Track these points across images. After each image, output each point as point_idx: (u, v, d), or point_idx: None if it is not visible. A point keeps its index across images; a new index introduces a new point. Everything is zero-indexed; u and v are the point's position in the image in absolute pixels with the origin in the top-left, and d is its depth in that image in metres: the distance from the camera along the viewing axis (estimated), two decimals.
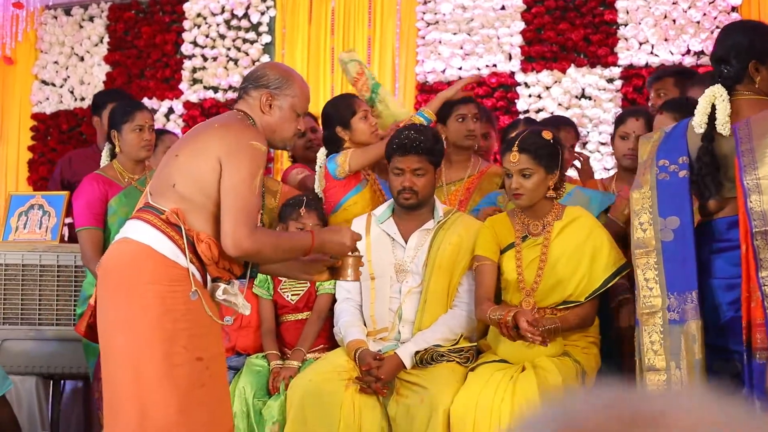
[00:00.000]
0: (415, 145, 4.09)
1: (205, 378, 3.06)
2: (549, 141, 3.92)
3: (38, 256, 5.16)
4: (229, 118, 3.27)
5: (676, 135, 3.52)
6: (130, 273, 3.02)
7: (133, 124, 4.81)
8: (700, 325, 3.35)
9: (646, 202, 3.47)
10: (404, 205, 4.17)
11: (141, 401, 2.97)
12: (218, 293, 3.15)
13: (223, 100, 7.92)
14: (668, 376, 3.37)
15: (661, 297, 3.40)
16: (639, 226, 3.47)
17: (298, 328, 4.40)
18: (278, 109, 3.29)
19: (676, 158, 3.47)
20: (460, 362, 3.98)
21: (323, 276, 3.51)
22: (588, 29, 7.06)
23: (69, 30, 8.39)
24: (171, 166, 3.16)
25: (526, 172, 3.88)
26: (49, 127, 8.39)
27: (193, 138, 3.20)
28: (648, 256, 3.44)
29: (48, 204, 5.34)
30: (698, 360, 3.33)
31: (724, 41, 3.52)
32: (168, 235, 3.03)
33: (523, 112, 7.09)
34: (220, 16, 7.99)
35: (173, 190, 3.10)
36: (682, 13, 6.84)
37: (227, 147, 3.08)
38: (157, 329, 2.98)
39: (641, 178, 3.52)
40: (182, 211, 3.06)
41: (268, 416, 4.07)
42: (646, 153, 3.57)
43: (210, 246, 3.05)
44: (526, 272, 3.97)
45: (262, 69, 3.37)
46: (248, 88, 3.31)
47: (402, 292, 4.14)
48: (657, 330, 3.40)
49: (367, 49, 7.63)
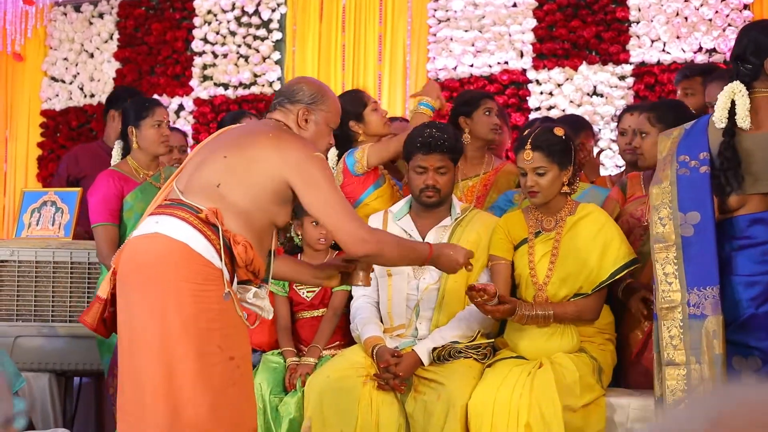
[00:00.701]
0: (439, 143, 4.10)
1: (236, 377, 3.06)
2: (561, 137, 3.94)
3: (51, 252, 5.15)
4: (279, 129, 3.27)
5: (697, 131, 3.53)
6: (165, 269, 3.00)
7: (153, 120, 4.80)
8: (721, 320, 3.35)
9: (665, 197, 3.47)
10: (427, 203, 4.16)
11: (173, 399, 2.95)
12: (249, 296, 3.14)
13: (233, 97, 7.92)
14: (688, 370, 3.37)
15: (681, 292, 3.40)
16: (659, 221, 3.47)
17: (313, 325, 4.40)
18: (314, 123, 3.33)
19: (697, 154, 3.47)
20: (477, 358, 3.98)
21: (334, 281, 3.53)
22: (600, 27, 7.05)
23: (78, 26, 8.40)
24: (215, 165, 3.15)
25: (540, 170, 3.90)
26: (59, 123, 8.40)
27: (244, 142, 3.20)
28: (668, 250, 3.43)
29: (61, 200, 5.33)
30: (719, 355, 3.33)
31: (742, 39, 3.56)
32: (204, 234, 3.02)
33: (535, 109, 7.10)
34: (231, 13, 8.00)
35: (216, 190, 3.10)
36: (694, 11, 6.83)
37: (295, 167, 3.12)
38: (192, 327, 2.97)
39: (661, 174, 3.52)
40: (220, 212, 3.05)
41: (285, 413, 4.07)
42: (665, 149, 3.57)
43: (246, 248, 3.05)
44: (538, 267, 3.99)
45: (297, 84, 3.39)
46: (284, 102, 3.34)
47: (419, 289, 4.13)
48: (676, 325, 3.40)
49: (378, 46, 7.63)
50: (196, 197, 3.10)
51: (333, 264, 3.51)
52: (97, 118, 8.20)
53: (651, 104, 4.45)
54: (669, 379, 3.39)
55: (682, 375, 3.38)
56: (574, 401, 3.72)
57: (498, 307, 3.76)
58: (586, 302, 3.93)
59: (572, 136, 4.06)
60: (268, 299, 3.25)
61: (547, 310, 3.86)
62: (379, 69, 7.64)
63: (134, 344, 3.04)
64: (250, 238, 3.08)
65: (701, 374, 3.35)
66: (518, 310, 3.81)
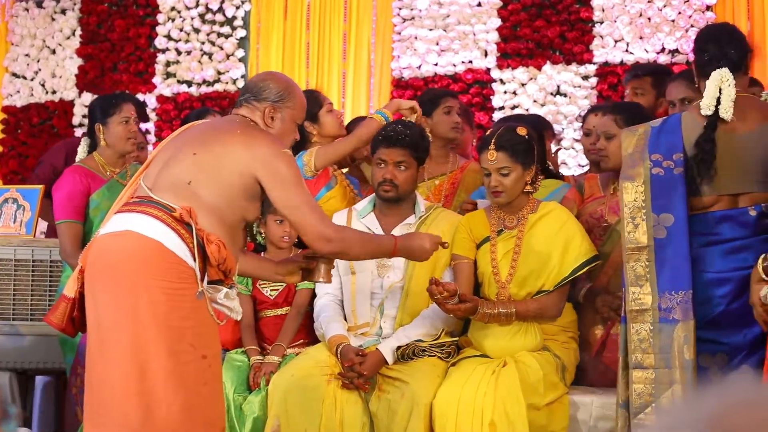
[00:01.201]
0: (400, 137, 4.10)
1: (208, 376, 3.05)
2: (524, 137, 3.96)
3: (13, 250, 5.10)
4: (246, 125, 3.26)
5: (669, 130, 3.52)
6: (137, 267, 2.97)
7: (121, 116, 4.76)
8: (692, 325, 3.34)
9: (639, 195, 3.44)
10: (384, 197, 4.16)
11: (146, 398, 2.92)
12: (220, 296, 3.12)
13: (196, 95, 7.88)
14: (656, 374, 3.35)
15: (652, 295, 3.38)
16: (631, 220, 3.45)
17: (277, 324, 4.38)
18: (280, 121, 3.33)
19: (671, 154, 3.45)
20: (441, 357, 3.99)
21: (295, 277, 3.51)
22: (564, 27, 7.09)
23: (41, 22, 8.32)
24: (184, 162, 3.13)
25: (504, 170, 3.91)
26: (20, 120, 8.31)
27: (212, 139, 3.18)
28: (640, 252, 3.42)
29: (22, 198, 5.28)
30: (689, 360, 3.33)
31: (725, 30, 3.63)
32: (178, 233, 3.00)
33: (499, 108, 7.13)
34: (195, 10, 7.96)
35: (187, 188, 3.08)
36: (657, 12, 6.88)
37: (263, 163, 3.12)
38: (164, 326, 2.94)
39: (631, 171, 3.50)
40: (194, 210, 3.03)
41: (249, 411, 4.05)
42: (631, 146, 3.54)
43: (219, 247, 3.03)
44: (501, 265, 4.01)
45: (263, 81, 3.38)
46: (250, 99, 3.33)
47: (383, 288, 4.13)
48: (646, 328, 3.38)
49: (343, 44, 7.63)
50: (167, 195, 3.07)
51: (294, 260, 3.50)
52: (59, 114, 8.14)
53: (616, 105, 4.44)
54: (636, 383, 3.38)
55: (650, 379, 3.36)
56: (538, 399, 3.74)
57: (459, 306, 3.77)
58: (547, 299, 3.95)
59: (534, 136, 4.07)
60: (237, 300, 3.24)
61: (509, 308, 3.87)
62: (343, 67, 7.64)
63: (104, 343, 3.00)
64: (222, 235, 3.07)
65: (671, 378, 3.34)
66: (480, 308, 3.83)
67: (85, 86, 8.10)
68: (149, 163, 3.28)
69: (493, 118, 7.03)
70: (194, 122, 3.48)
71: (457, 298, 3.74)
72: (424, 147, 4.21)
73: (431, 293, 3.73)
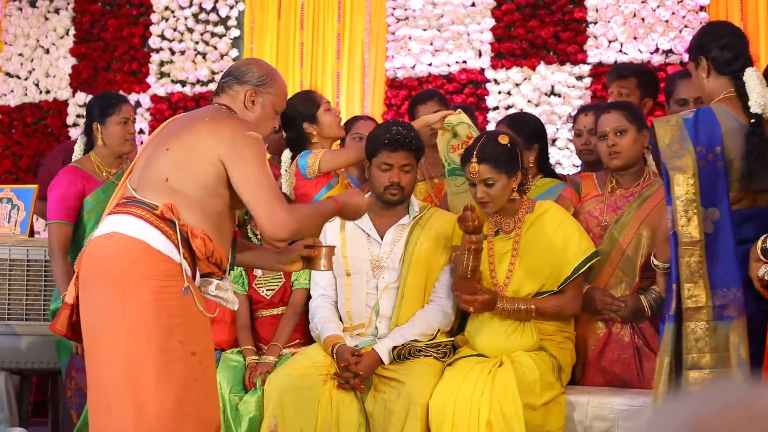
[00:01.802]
0: (406, 141, 4.10)
1: (198, 373, 3.04)
2: (506, 146, 3.94)
3: (8, 250, 5.10)
4: (217, 112, 3.25)
5: (706, 122, 3.41)
6: (125, 268, 2.98)
7: (119, 117, 4.77)
8: (746, 322, 3.25)
9: (690, 188, 3.31)
10: (391, 201, 4.16)
11: (136, 397, 2.93)
12: (211, 288, 3.13)
13: (190, 94, 7.87)
14: (713, 375, 3.24)
15: (705, 292, 3.27)
16: (684, 213, 3.30)
17: (273, 324, 4.38)
18: (260, 106, 3.32)
19: (713, 147, 3.36)
20: (437, 357, 3.99)
21: (296, 266, 3.51)
22: (558, 27, 7.10)
23: (34, 22, 8.31)
24: (160, 159, 3.13)
25: (489, 181, 3.92)
26: (14, 120, 8.30)
27: (183, 131, 3.18)
28: (693, 246, 3.29)
29: (17, 197, 5.27)
30: (744, 359, 3.24)
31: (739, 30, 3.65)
32: (162, 231, 3.00)
33: (493, 108, 7.13)
34: (189, 10, 7.95)
35: (166, 185, 3.08)
36: (651, 12, 6.89)
37: (227, 144, 3.08)
38: (153, 325, 2.95)
39: (679, 162, 3.35)
40: (176, 206, 3.03)
41: (245, 411, 4.05)
42: (668, 136, 3.40)
43: (205, 241, 3.04)
44: (498, 266, 4.01)
45: (246, 65, 3.37)
46: (231, 83, 3.32)
47: (379, 288, 4.13)
48: (701, 327, 3.26)
49: (337, 44, 7.63)
50: (149, 193, 3.08)
51: (295, 249, 3.48)
52: (53, 114, 8.13)
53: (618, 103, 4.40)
54: (693, 384, 3.25)
55: (707, 380, 3.25)
56: (535, 399, 3.74)
57: (476, 297, 3.78)
58: (564, 297, 3.96)
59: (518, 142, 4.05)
60: (231, 290, 3.24)
61: (529, 305, 3.88)
62: (337, 67, 7.64)
63: (96, 345, 3.02)
64: (208, 227, 3.07)
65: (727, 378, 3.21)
66: (499, 303, 3.84)
67: (79, 86, 8.09)
68: (134, 164, 3.29)
69: (487, 119, 7.05)
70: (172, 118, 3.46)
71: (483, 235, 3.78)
72: (422, 147, 4.22)
73: (465, 219, 3.70)
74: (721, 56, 3.53)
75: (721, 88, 3.52)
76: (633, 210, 4.12)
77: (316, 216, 3.33)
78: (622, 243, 4.09)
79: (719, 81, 3.52)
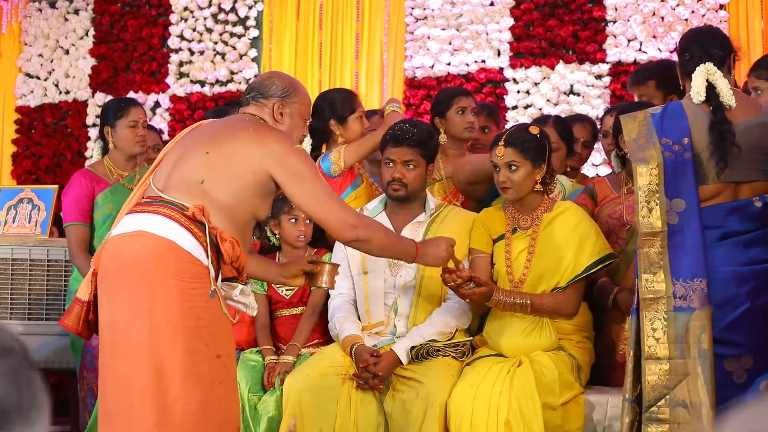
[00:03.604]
0: (408, 136, 4.11)
1: (223, 375, 3.05)
2: (535, 136, 3.98)
3: (28, 250, 5.13)
4: (257, 123, 3.28)
5: (673, 115, 3.47)
6: (152, 267, 2.98)
7: (128, 120, 4.81)
8: (709, 314, 3.28)
9: (653, 179, 3.37)
10: (393, 196, 4.17)
11: (161, 398, 2.93)
12: (235, 293, 3.15)
13: (210, 95, 7.88)
14: (671, 366, 3.29)
15: (665, 282, 3.32)
16: (645, 204, 3.37)
17: (292, 323, 4.38)
18: (289, 117, 3.35)
19: (680, 139, 3.41)
20: (455, 357, 3.99)
21: (298, 280, 3.53)
22: (577, 26, 7.08)
23: (54, 23, 8.34)
24: (196, 161, 3.14)
25: (512, 165, 3.92)
26: (34, 120, 8.34)
27: (224, 138, 3.19)
28: (654, 237, 3.34)
29: (37, 198, 5.31)
30: (706, 350, 3.26)
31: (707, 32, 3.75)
32: (191, 232, 3.01)
33: (512, 108, 7.12)
34: (208, 10, 7.96)
35: (200, 187, 3.08)
36: (670, 11, 6.87)
37: (276, 158, 3.13)
38: (180, 325, 2.95)
39: (643, 153, 3.43)
40: (206, 209, 3.04)
41: (264, 411, 4.05)
42: (634, 131, 3.48)
43: (233, 245, 3.05)
44: (515, 263, 4.02)
45: (269, 79, 3.40)
46: (257, 97, 3.35)
47: (396, 287, 4.13)
48: (660, 317, 3.31)
49: (356, 44, 7.63)
50: (178, 194, 3.08)
51: (298, 264, 3.51)
52: (72, 114, 8.16)
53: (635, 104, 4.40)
54: (649, 375, 3.31)
55: (664, 370, 3.29)
56: (554, 399, 3.73)
57: (474, 290, 3.76)
58: (563, 296, 3.95)
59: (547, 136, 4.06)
60: (253, 296, 3.26)
61: (525, 299, 3.87)
62: (356, 67, 7.65)
63: (117, 344, 3.01)
64: (233, 233, 3.08)
65: (685, 369, 3.28)
66: (495, 294, 3.83)
67: (99, 86, 8.12)
68: (159, 163, 3.28)
69: (506, 118, 7.03)
70: (202, 122, 3.48)
71: (472, 283, 3.75)
72: (432, 146, 4.20)
73: (445, 281, 3.74)
74: (682, 60, 3.61)
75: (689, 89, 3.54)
76: None
77: (391, 236, 3.47)
78: None
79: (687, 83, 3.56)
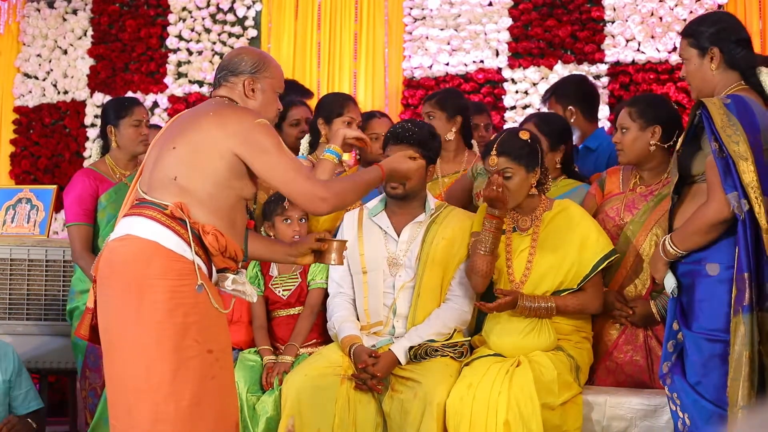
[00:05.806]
0: (407, 135, 4.10)
1: (216, 370, 3.06)
2: (526, 141, 3.97)
3: (27, 250, 5.14)
4: (219, 105, 3.26)
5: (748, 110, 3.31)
6: (139, 270, 3.00)
7: (132, 119, 4.82)
8: None
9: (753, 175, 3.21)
10: (391, 194, 4.17)
11: (154, 396, 2.95)
12: (227, 284, 3.16)
13: (208, 95, 7.86)
14: None
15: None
16: (756, 200, 3.20)
17: (290, 323, 4.39)
18: (260, 92, 3.34)
19: (756, 134, 3.27)
20: (454, 357, 3.99)
21: (307, 259, 3.51)
22: (575, 26, 7.08)
23: (52, 23, 8.33)
24: (167, 158, 3.14)
25: (507, 173, 3.92)
26: (32, 120, 8.33)
27: (187, 128, 3.18)
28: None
29: (36, 198, 5.31)
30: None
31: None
32: (173, 230, 3.03)
33: (510, 108, 7.12)
34: (206, 10, 7.96)
35: (174, 183, 3.10)
36: (668, 11, 6.87)
37: (238, 136, 3.10)
38: (167, 324, 2.97)
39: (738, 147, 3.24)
40: (185, 205, 3.05)
41: (262, 411, 4.06)
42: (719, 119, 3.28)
43: (216, 237, 3.06)
44: (516, 262, 4.02)
45: (237, 55, 3.38)
46: (227, 76, 3.33)
47: (395, 287, 4.13)
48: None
49: (354, 44, 7.63)
50: (159, 194, 3.10)
51: (306, 242, 3.50)
52: (71, 114, 8.16)
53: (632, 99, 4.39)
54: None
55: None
56: (553, 399, 3.73)
57: (500, 302, 3.79)
58: (585, 295, 3.96)
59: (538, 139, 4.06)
60: (248, 282, 3.26)
61: (549, 303, 3.89)
62: (354, 67, 7.64)
63: (113, 346, 3.05)
64: (221, 222, 3.09)
65: None
66: (520, 301, 3.84)
67: (97, 86, 8.12)
68: (144, 166, 3.30)
69: (504, 118, 7.04)
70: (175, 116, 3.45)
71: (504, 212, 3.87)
72: (433, 146, 4.20)
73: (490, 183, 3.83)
74: (737, 51, 3.50)
75: (730, 82, 3.49)
76: (648, 209, 4.08)
77: (358, 184, 3.34)
78: (636, 243, 4.06)
79: (728, 74, 3.50)
